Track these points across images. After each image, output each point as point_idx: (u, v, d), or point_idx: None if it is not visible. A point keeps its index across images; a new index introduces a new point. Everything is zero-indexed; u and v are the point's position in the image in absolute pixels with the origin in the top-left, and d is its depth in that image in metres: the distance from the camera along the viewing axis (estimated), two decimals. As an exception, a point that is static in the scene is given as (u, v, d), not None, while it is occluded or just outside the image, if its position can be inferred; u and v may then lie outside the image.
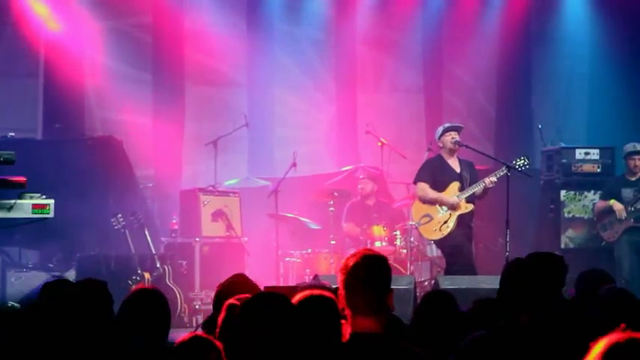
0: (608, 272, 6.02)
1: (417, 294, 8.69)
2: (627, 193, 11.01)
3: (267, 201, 11.32)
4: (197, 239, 11.13)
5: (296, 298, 4.16)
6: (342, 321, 4.03)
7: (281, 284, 10.39)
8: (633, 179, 11.03)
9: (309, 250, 11.35)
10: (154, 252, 10.62)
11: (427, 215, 10.12)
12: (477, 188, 10.01)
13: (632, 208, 10.90)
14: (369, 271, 4.05)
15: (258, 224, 11.84)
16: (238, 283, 4.95)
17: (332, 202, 11.49)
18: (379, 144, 12.27)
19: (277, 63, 13.46)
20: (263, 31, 13.40)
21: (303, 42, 13.58)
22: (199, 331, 4.27)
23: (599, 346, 2.40)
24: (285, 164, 11.57)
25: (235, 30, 13.24)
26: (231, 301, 4.18)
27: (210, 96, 13.32)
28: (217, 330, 4.05)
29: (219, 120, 12.91)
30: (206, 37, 13.08)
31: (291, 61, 13.51)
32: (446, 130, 10.23)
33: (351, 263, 4.08)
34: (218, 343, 3.63)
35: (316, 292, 4.30)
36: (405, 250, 11.14)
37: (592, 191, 11.78)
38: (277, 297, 3.75)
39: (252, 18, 13.35)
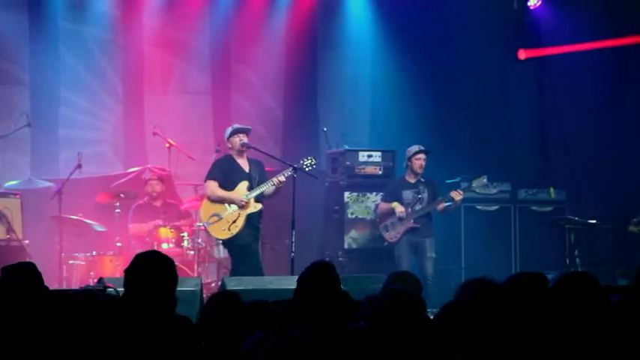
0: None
1: (204, 295, 8.70)
2: (407, 194, 11.39)
3: (51, 202, 11.04)
4: (-26, 242, 10.71)
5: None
6: None
7: (64, 287, 10.16)
8: (413, 181, 11.42)
9: (94, 253, 11.15)
10: None
11: (216, 214, 10.16)
12: (265, 187, 10.14)
13: (411, 209, 11.30)
14: (154, 273, 4.06)
15: (40, 226, 11.51)
16: None
17: (118, 204, 11.35)
18: (167, 145, 12.22)
19: (62, 62, 13.11)
20: (47, 29, 12.98)
21: (88, 41, 13.28)
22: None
23: None
24: (70, 165, 11.34)
25: (17, 27, 12.79)
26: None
27: (-10, 94, 12.84)
28: None
29: (-1, 119, 12.48)
30: (-15, 34, 12.61)
31: (76, 60, 13.20)
32: (234, 132, 10.32)
33: (135, 264, 4.08)
34: None
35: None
36: (192, 252, 11.14)
37: (374, 193, 12.15)
38: None
39: (35, 15, 12.92)
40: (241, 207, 10.09)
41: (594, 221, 12.28)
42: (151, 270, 4.13)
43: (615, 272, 11.64)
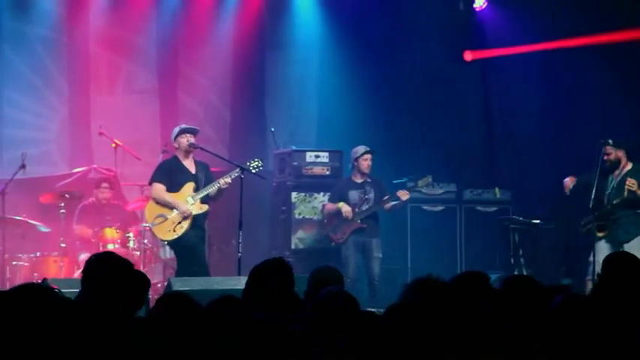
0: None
1: (150, 297, 8.65)
2: (354, 195, 11.44)
3: (-6, 203, 10.93)
4: None
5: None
6: None
7: (7, 289, 10.01)
8: (360, 181, 11.48)
9: (38, 254, 11.05)
10: None
11: (161, 215, 10.11)
12: (211, 189, 10.11)
13: (357, 209, 11.35)
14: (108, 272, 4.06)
15: (-17, 228, 11.38)
16: None
17: (63, 204, 11.25)
18: (113, 145, 12.13)
19: (6, 62, 12.95)
20: (-11, 28, 12.87)
21: (33, 40, 13.13)
22: None
23: None
24: (14, 165, 11.20)
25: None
26: None
27: None
28: None
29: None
30: None
31: (20, 60, 13.04)
32: (181, 132, 10.28)
33: (92, 263, 4.07)
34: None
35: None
36: (138, 253, 11.08)
37: (321, 193, 12.18)
38: None
39: (-22, 15, 12.80)
40: (185, 217, 10.05)
41: (538, 221, 12.41)
42: (106, 271, 4.12)
43: (559, 272, 11.77)
